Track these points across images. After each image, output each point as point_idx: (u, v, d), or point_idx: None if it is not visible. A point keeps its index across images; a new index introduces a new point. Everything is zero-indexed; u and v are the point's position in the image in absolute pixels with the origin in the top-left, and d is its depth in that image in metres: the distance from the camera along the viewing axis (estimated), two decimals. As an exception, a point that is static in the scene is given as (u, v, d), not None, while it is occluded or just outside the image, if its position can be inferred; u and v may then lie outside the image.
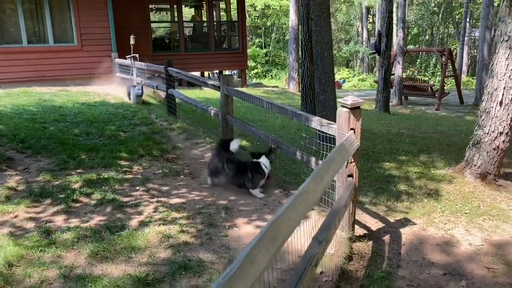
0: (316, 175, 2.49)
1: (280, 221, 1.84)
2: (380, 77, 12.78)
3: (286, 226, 1.88)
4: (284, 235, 1.85)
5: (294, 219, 1.97)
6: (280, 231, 1.82)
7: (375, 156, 7.10)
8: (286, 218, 1.90)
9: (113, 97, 11.37)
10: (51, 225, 4.04)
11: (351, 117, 3.81)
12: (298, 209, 2.02)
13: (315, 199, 2.35)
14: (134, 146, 6.55)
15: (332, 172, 2.77)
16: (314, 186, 2.35)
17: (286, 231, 1.88)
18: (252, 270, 1.52)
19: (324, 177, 2.55)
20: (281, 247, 1.82)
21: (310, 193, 2.26)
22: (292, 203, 1.97)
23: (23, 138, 6.47)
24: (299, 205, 2.07)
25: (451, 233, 4.48)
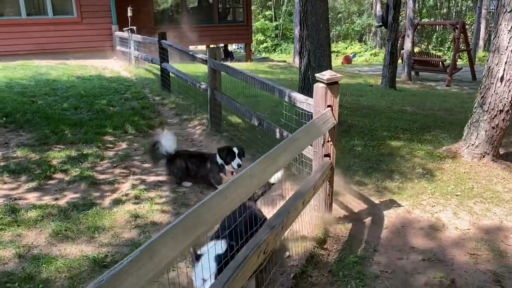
0: (267, 156, 2.28)
1: (202, 210, 1.65)
2: (387, 51, 12.33)
3: (210, 214, 1.69)
4: (207, 224, 1.67)
5: (225, 206, 1.78)
6: (201, 220, 1.64)
7: (371, 133, 6.83)
8: (211, 206, 1.71)
9: (110, 71, 11.19)
10: (20, 202, 3.93)
11: (328, 93, 3.56)
12: (230, 196, 1.83)
13: (260, 182, 2.15)
14: (121, 122, 6.40)
15: (291, 152, 2.56)
16: (261, 169, 2.15)
17: (211, 219, 1.69)
18: (149, 265, 1.34)
19: (278, 158, 2.34)
20: (203, 235, 1.64)
21: (255, 177, 2.06)
22: (222, 190, 1.78)
23: (8, 112, 6.35)
24: (235, 190, 1.88)
25: (437, 216, 4.26)
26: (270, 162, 2.28)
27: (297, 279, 3.03)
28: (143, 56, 10.49)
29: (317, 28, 6.98)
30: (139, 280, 1.29)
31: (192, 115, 7.06)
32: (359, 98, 10.43)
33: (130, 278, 1.27)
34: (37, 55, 13.19)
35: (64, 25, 13.68)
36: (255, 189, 2.09)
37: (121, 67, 11.89)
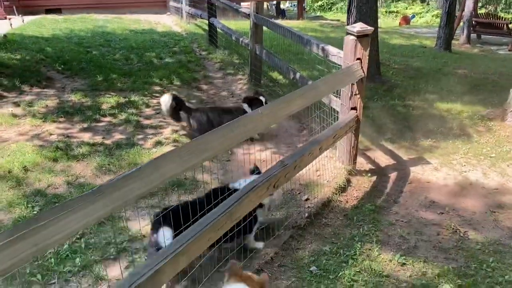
0: (282, 99, 2.46)
1: (211, 138, 1.88)
2: (443, 11, 11.73)
3: (217, 143, 1.92)
4: (213, 150, 1.90)
5: (232, 137, 2.00)
6: (208, 146, 1.87)
7: (413, 94, 6.74)
8: (219, 135, 1.93)
9: (162, 26, 11.52)
10: (72, 140, 4.38)
11: (358, 46, 3.61)
12: (238, 130, 2.04)
13: (270, 121, 2.34)
14: (167, 73, 6.72)
15: (307, 99, 2.70)
16: (273, 110, 2.34)
17: (218, 147, 1.92)
18: (155, 175, 1.60)
19: (292, 102, 2.51)
20: (208, 159, 1.88)
21: (265, 116, 2.25)
22: (230, 123, 2.00)
23: (65, 60, 6.86)
24: (244, 125, 2.09)
25: (466, 175, 4.27)
26: (284, 105, 2.45)
27: (311, 218, 3.25)
28: (193, 11, 10.69)
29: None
30: (144, 185, 1.55)
31: (235, 70, 7.25)
32: (409, 59, 10.13)
33: (137, 182, 1.53)
34: (96, 9, 13.78)
35: (121, -20, 14.11)
36: (264, 127, 2.28)
37: (173, 22, 12.20)
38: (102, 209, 1.44)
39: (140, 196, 1.59)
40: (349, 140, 3.91)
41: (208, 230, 1.95)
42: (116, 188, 1.49)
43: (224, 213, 2.07)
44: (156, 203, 3.39)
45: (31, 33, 8.65)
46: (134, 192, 1.55)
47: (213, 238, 2.03)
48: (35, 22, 10.41)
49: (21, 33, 8.61)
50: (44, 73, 6.23)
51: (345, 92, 3.81)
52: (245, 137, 2.13)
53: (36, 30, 9.17)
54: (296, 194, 3.63)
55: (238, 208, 2.17)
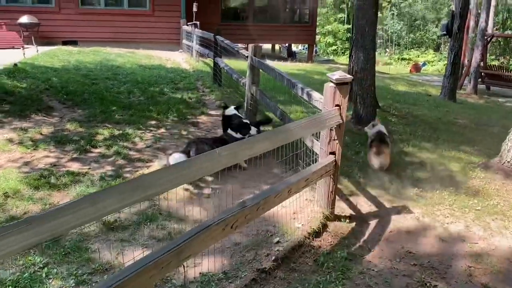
0: (245, 141, 2.52)
1: (159, 175, 1.94)
2: (449, 61, 11.88)
3: (166, 180, 1.97)
4: (159, 187, 1.95)
5: (185, 174, 2.05)
6: (155, 183, 1.92)
7: (407, 141, 6.76)
8: (169, 172, 1.99)
9: (172, 62, 11.87)
10: (58, 169, 4.47)
11: (337, 93, 3.69)
12: (193, 167, 2.10)
13: (228, 163, 2.39)
14: (166, 108, 6.88)
15: (273, 142, 2.76)
16: (232, 151, 2.39)
17: (166, 184, 1.97)
18: (89, 211, 1.64)
19: (255, 145, 2.57)
20: (154, 196, 1.92)
21: (224, 157, 2.31)
22: (186, 161, 2.06)
23: (69, 91, 7.08)
24: (200, 163, 2.14)
25: (447, 227, 4.22)
26: (246, 146, 2.51)
27: (278, 262, 3.23)
28: (201, 50, 11.02)
29: (362, 32, 7.04)
30: (76, 219, 1.60)
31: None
32: (411, 106, 10.20)
33: (70, 215, 1.58)
34: (110, 43, 14.28)
35: (137, 17, 14.69)
36: (222, 167, 2.33)
37: (183, 60, 12.55)
38: (27, 239, 1.49)
39: (72, 228, 1.63)
40: (327, 185, 3.93)
41: (150, 267, 1.97)
42: (46, 220, 1.54)
43: (171, 251, 2.09)
44: (127, 236, 3.41)
45: (42, 63, 8.98)
46: (66, 225, 1.59)
47: (155, 276, 2.04)
48: (49, 53, 10.82)
49: (32, 62, 8.96)
50: (45, 102, 6.43)
51: (324, 137, 3.86)
52: (199, 175, 2.17)
53: (48, 60, 9.53)
54: (268, 236, 3.62)
55: (188, 247, 2.19)
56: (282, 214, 3.93)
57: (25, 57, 9.45)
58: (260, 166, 5.19)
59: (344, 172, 5.29)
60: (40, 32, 13.68)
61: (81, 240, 3.26)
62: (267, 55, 18.78)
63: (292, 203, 4.08)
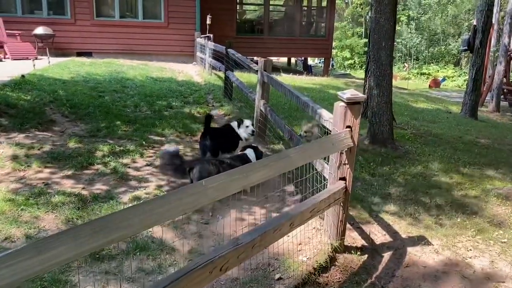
0: (240, 170, 2.20)
1: (129, 214, 1.63)
2: (470, 77, 11.43)
3: (138, 220, 1.67)
4: (131, 228, 1.64)
5: (162, 212, 1.75)
6: (126, 223, 1.62)
7: (426, 163, 6.35)
8: (142, 211, 1.68)
9: (184, 75, 11.68)
10: (50, 187, 4.22)
11: (348, 113, 3.36)
12: (171, 204, 1.79)
13: (218, 196, 2.08)
14: (172, 123, 6.63)
15: (274, 169, 2.44)
16: (223, 182, 2.08)
17: (138, 225, 1.67)
18: (33, 262, 1.34)
19: (251, 174, 2.25)
20: (122, 239, 1.62)
21: (211, 188, 1.99)
22: (164, 196, 1.75)
23: (74, 104, 6.89)
24: (179, 199, 1.83)
25: (469, 262, 3.81)
26: (239, 176, 2.19)
27: (277, 304, 2.88)
28: (213, 63, 10.81)
29: (379, 46, 6.70)
30: (15, 273, 1.30)
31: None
32: (430, 124, 9.78)
33: (3, 270, 1.28)
34: (125, 55, 14.22)
35: (152, 29, 14.61)
36: (209, 201, 2.02)
37: (195, 72, 12.37)
38: None
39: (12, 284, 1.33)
40: (336, 213, 3.58)
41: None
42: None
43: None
44: (113, 267, 3.11)
45: (51, 75, 8.86)
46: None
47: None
48: (61, 64, 10.74)
49: (41, 74, 8.84)
50: (48, 116, 6.24)
51: (333, 161, 3.53)
52: (178, 213, 1.87)
53: (58, 72, 9.42)
54: (269, 271, 3.27)
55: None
56: (286, 245, 3.58)
57: (35, 69, 9.36)
58: (269, 187, 4.87)
59: (357, 197, 4.93)
60: (55, 43, 13.69)
61: (62, 271, 2.97)
62: (283, 69, 18.53)
63: (298, 232, 3.74)
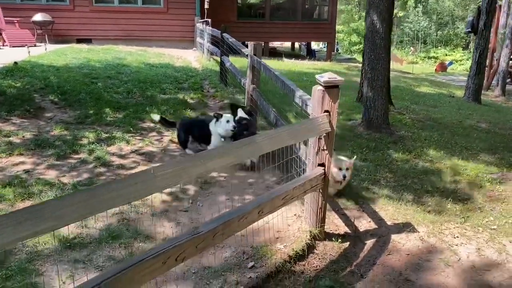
0: (197, 156, 2.12)
1: (65, 203, 1.56)
2: (473, 60, 11.15)
3: (71, 209, 1.59)
4: (63, 219, 1.57)
5: (92, 204, 1.67)
6: (57, 214, 1.54)
7: (421, 148, 6.21)
8: (77, 200, 1.61)
9: (182, 61, 11.56)
10: (31, 176, 4.17)
11: (326, 97, 3.25)
12: (105, 196, 1.71)
13: (168, 185, 1.99)
14: (162, 110, 6.55)
15: (235, 157, 2.35)
16: (176, 170, 2.00)
17: (72, 216, 1.59)
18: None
19: (208, 162, 2.16)
20: (53, 230, 1.55)
21: (160, 177, 1.91)
22: (106, 185, 1.67)
23: (65, 91, 6.83)
24: (116, 190, 1.75)
25: (455, 249, 3.71)
26: (195, 164, 2.10)
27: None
28: (211, 48, 10.67)
29: (374, 28, 6.52)
30: None
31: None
32: (430, 108, 9.58)
33: None
34: (124, 41, 14.11)
35: (151, 14, 14.46)
36: (157, 190, 1.94)
37: (194, 58, 12.25)
38: None
39: None
40: (315, 200, 3.49)
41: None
42: None
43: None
44: (84, 256, 3.06)
45: (45, 62, 8.80)
46: None
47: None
48: (58, 51, 10.68)
49: (36, 61, 8.79)
50: (37, 103, 6.19)
51: (312, 146, 3.42)
52: (122, 202, 1.79)
53: (53, 59, 9.36)
54: (243, 259, 3.20)
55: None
56: (264, 232, 3.51)
57: (30, 55, 9.30)
58: (255, 172, 4.79)
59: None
60: (54, 30, 13.61)
61: (30, 259, 2.93)
62: (286, 54, 18.29)
63: (278, 219, 3.66)
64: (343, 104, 8.63)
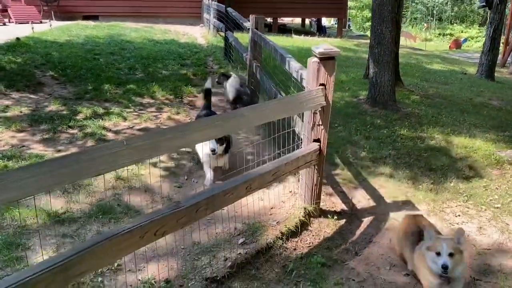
0: (175, 129, 2.03)
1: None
2: (487, 36, 10.79)
3: (33, 180, 1.53)
4: (12, 195, 1.51)
5: (68, 174, 1.60)
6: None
7: (427, 125, 6.04)
8: (38, 172, 1.54)
9: (188, 37, 11.41)
10: (21, 151, 4.12)
11: (321, 70, 3.11)
12: (79, 164, 1.64)
13: (138, 157, 1.90)
14: (163, 86, 6.45)
15: (221, 129, 2.24)
16: (151, 141, 1.91)
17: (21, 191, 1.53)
18: None
19: (187, 135, 2.07)
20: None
21: (129, 148, 1.83)
22: (71, 156, 1.60)
23: (66, 66, 6.77)
24: (76, 162, 1.68)
25: (455, 228, 3.59)
26: (173, 135, 2.01)
27: (235, 268, 2.75)
28: (216, 24, 10.48)
29: (380, 1, 6.28)
30: None
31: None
32: (441, 86, 9.33)
33: None
34: (132, 18, 13.95)
35: (159, -11, 14.23)
36: (129, 163, 1.84)
37: (200, 34, 12.08)
38: None
39: None
40: (310, 176, 3.39)
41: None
42: None
43: (53, 267, 1.65)
44: (72, 230, 3.03)
45: (49, 38, 8.74)
46: None
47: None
48: (62, 28, 10.59)
49: (39, 37, 8.72)
50: (37, 78, 6.14)
51: (307, 121, 3.31)
52: (83, 176, 1.72)
53: (57, 35, 9.28)
54: (234, 235, 3.14)
55: (82, 261, 1.74)
56: (257, 208, 3.44)
57: (33, 32, 9.23)
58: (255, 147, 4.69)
59: (345, 160, 4.72)
60: (60, 7, 13.50)
61: (17, 233, 2.90)
62: (296, 31, 17.94)
63: (272, 196, 3.59)
64: (349, 81, 8.45)
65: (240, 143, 4.72)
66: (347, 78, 8.73)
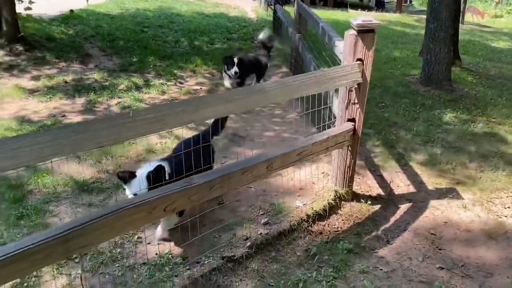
0: (188, 102, 1.94)
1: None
2: None
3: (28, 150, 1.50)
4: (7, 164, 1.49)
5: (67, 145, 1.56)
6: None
7: (484, 108, 5.59)
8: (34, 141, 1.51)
9: (239, 11, 11.25)
10: (59, 120, 4.23)
11: (359, 43, 2.88)
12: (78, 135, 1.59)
13: (152, 130, 1.82)
14: (207, 60, 6.40)
15: (243, 106, 2.12)
16: (156, 114, 1.83)
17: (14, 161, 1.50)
18: None
19: (201, 110, 1.97)
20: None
21: (136, 120, 1.76)
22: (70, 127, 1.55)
23: (114, 38, 6.87)
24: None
25: (503, 221, 3.30)
26: (184, 109, 1.92)
27: (254, 249, 2.66)
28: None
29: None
30: None
31: (282, 61, 6.69)
32: (506, 65, 8.59)
33: None
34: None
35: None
36: (133, 136, 1.77)
37: (251, 8, 11.88)
38: None
39: None
40: (343, 158, 3.20)
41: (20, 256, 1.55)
42: None
43: (55, 238, 1.64)
44: (99, 200, 3.06)
45: (102, 10, 8.92)
46: None
47: (25, 270, 1.62)
48: (116, 0, 10.78)
49: (93, 9, 8.93)
50: (85, 50, 6.28)
51: (341, 99, 3.11)
52: (85, 147, 1.67)
53: (110, 7, 9.46)
54: (258, 215, 3.05)
55: (84, 234, 1.72)
56: (285, 188, 3.32)
57: (88, 4, 9.46)
58: (289, 124, 4.54)
59: (387, 142, 4.46)
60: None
61: (46, 201, 2.98)
62: (353, 5, 17.24)
63: (303, 176, 3.44)
64: (403, 58, 8.00)
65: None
66: (401, 55, 8.27)
